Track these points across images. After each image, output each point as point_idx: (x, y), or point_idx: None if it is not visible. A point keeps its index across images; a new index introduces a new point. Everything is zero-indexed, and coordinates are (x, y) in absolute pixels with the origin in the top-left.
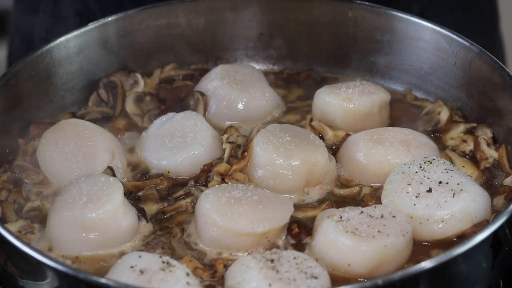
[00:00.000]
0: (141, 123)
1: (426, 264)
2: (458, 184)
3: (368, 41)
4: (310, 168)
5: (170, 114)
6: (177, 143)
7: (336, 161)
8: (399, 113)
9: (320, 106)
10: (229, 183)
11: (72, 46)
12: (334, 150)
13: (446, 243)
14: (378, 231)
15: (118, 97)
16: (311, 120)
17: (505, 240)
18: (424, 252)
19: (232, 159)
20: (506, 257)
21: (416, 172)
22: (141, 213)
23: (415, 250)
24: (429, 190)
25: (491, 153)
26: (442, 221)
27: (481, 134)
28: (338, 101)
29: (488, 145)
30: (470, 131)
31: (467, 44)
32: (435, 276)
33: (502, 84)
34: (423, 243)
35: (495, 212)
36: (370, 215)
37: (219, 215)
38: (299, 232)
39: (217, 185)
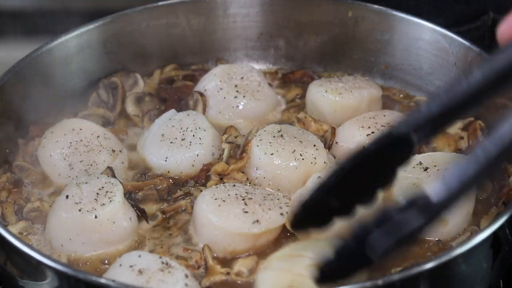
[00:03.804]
0: (141, 123)
1: (426, 264)
2: None
3: (368, 41)
4: (309, 169)
5: (172, 112)
6: (177, 142)
7: (335, 158)
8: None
9: (310, 99)
10: (227, 183)
11: (72, 46)
12: (328, 145)
13: (445, 243)
14: None
15: (118, 98)
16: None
17: (505, 240)
18: (424, 252)
19: (232, 159)
20: (506, 257)
21: None
22: (141, 214)
23: (415, 250)
24: None
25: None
26: None
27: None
28: (327, 94)
29: (484, 134)
30: (466, 128)
31: (467, 44)
32: (435, 276)
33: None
34: (423, 245)
35: (495, 212)
36: None
37: (215, 216)
38: None
39: (214, 186)
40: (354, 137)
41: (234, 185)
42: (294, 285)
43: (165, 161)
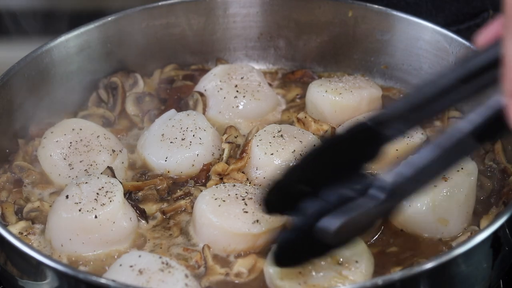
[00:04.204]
0: (141, 123)
1: (426, 264)
2: None
3: (368, 41)
4: None
5: (172, 112)
6: (177, 142)
7: None
8: None
9: (310, 99)
10: (227, 183)
11: (72, 46)
12: None
13: (445, 243)
14: None
15: (118, 98)
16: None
17: (505, 240)
18: (424, 252)
19: (232, 159)
20: (506, 257)
21: None
22: (141, 214)
23: (415, 250)
24: None
25: None
26: None
27: None
28: (327, 94)
29: None
30: None
31: (467, 44)
32: (435, 276)
33: None
34: (423, 245)
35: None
36: None
37: (215, 216)
38: None
39: (214, 186)
40: None
41: (234, 185)
42: (302, 272)
43: (165, 161)
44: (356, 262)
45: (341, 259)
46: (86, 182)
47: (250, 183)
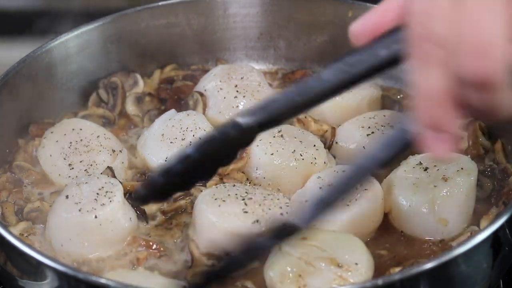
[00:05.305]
0: (141, 123)
1: (426, 264)
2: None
3: None
4: (308, 169)
5: (172, 112)
6: (177, 142)
7: (335, 158)
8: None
9: None
10: (227, 183)
11: (72, 46)
12: (328, 145)
13: (445, 243)
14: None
15: (118, 98)
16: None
17: (505, 240)
18: (424, 252)
19: None
20: (506, 257)
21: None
22: (141, 214)
23: (415, 250)
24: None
25: (483, 142)
26: None
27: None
28: None
29: (484, 135)
30: (467, 128)
31: None
32: (435, 276)
33: None
34: (423, 245)
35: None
36: None
37: (215, 216)
38: None
39: (214, 186)
40: (354, 137)
41: (234, 185)
42: (302, 275)
43: (165, 161)
44: (356, 264)
45: (341, 262)
46: (86, 182)
47: (250, 183)
